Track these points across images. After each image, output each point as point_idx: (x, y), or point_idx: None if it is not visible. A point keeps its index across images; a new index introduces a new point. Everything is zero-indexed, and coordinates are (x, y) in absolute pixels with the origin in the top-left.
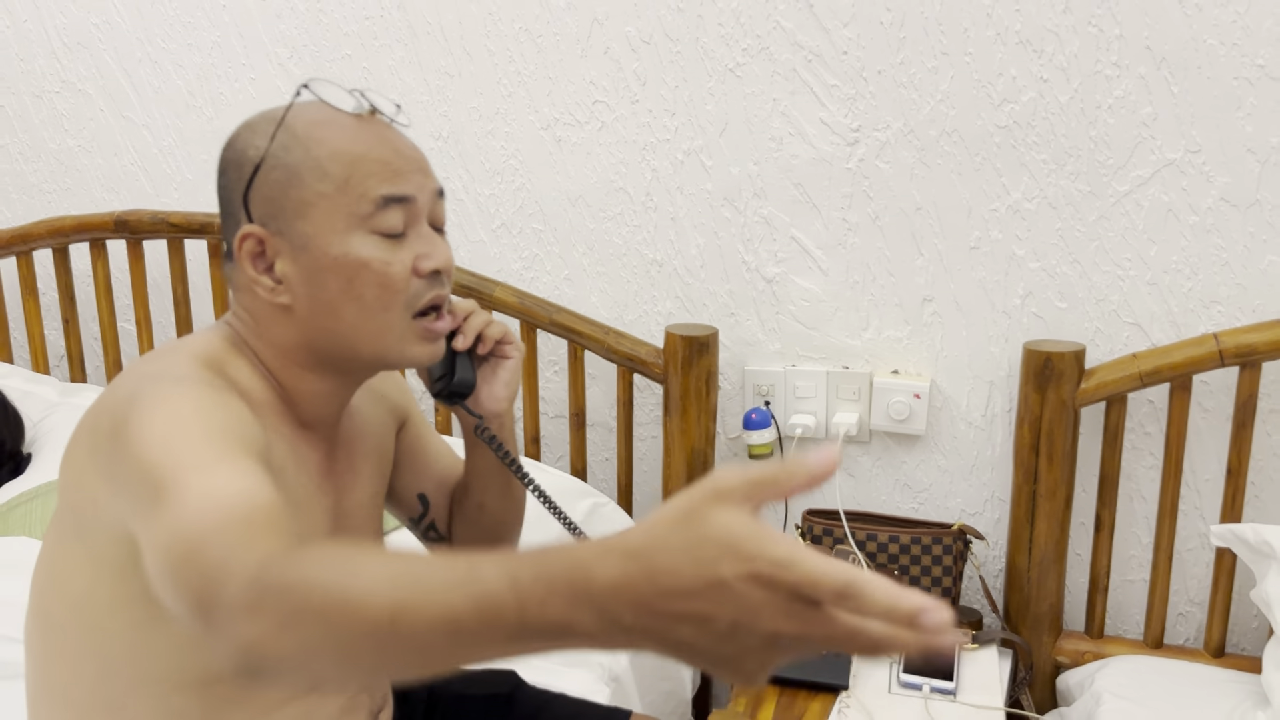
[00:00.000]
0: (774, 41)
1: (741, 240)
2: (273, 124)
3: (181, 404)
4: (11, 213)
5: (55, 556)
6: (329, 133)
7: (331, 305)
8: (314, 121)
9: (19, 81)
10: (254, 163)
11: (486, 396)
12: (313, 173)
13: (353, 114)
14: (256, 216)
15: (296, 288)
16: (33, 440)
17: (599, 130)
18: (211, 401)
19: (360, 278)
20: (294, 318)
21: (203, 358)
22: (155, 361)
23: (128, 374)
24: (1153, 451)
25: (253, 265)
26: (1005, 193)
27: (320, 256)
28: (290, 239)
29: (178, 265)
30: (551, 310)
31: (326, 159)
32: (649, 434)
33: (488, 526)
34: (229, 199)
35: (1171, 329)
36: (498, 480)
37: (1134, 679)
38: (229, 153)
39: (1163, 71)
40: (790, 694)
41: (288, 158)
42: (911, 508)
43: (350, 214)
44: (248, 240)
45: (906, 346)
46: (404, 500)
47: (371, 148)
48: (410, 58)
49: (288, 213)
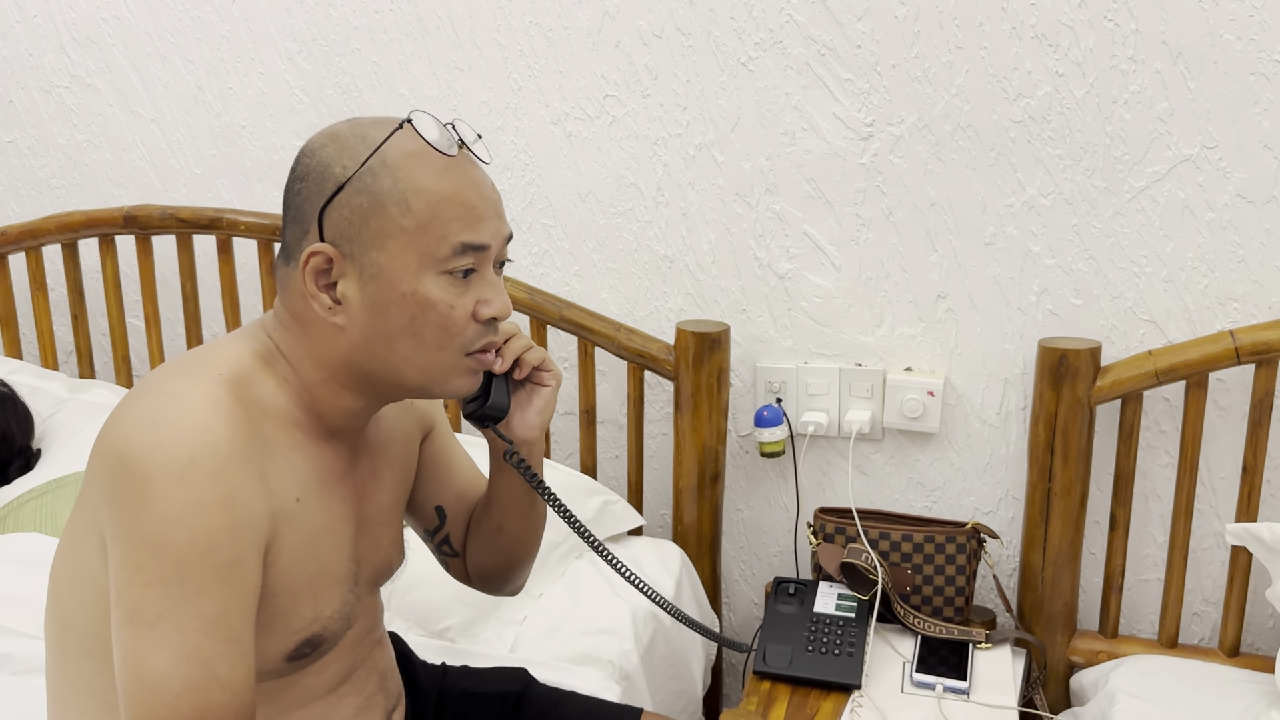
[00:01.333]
0: (787, 35)
1: (753, 236)
2: (365, 147)
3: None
4: (21, 208)
5: (70, 556)
6: (419, 168)
7: (389, 336)
8: (406, 153)
9: (28, 77)
10: (338, 181)
11: (519, 423)
12: (397, 206)
13: (445, 152)
14: (329, 235)
15: (356, 312)
16: (42, 436)
17: (610, 125)
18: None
19: (423, 316)
20: (344, 338)
21: (230, 378)
22: (178, 379)
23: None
24: (1168, 450)
25: (315, 281)
26: (1020, 188)
27: (389, 289)
28: (361, 265)
29: (187, 261)
30: (562, 306)
31: (413, 195)
32: (659, 431)
33: (504, 548)
34: (302, 207)
35: (1187, 326)
36: (521, 505)
37: (1149, 678)
38: (310, 160)
39: (1179, 66)
40: (802, 693)
41: (375, 185)
42: (925, 506)
43: (426, 253)
44: (316, 257)
45: (920, 343)
46: (421, 511)
47: (459, 189)
48: (420, 52)
49: (364, 239)
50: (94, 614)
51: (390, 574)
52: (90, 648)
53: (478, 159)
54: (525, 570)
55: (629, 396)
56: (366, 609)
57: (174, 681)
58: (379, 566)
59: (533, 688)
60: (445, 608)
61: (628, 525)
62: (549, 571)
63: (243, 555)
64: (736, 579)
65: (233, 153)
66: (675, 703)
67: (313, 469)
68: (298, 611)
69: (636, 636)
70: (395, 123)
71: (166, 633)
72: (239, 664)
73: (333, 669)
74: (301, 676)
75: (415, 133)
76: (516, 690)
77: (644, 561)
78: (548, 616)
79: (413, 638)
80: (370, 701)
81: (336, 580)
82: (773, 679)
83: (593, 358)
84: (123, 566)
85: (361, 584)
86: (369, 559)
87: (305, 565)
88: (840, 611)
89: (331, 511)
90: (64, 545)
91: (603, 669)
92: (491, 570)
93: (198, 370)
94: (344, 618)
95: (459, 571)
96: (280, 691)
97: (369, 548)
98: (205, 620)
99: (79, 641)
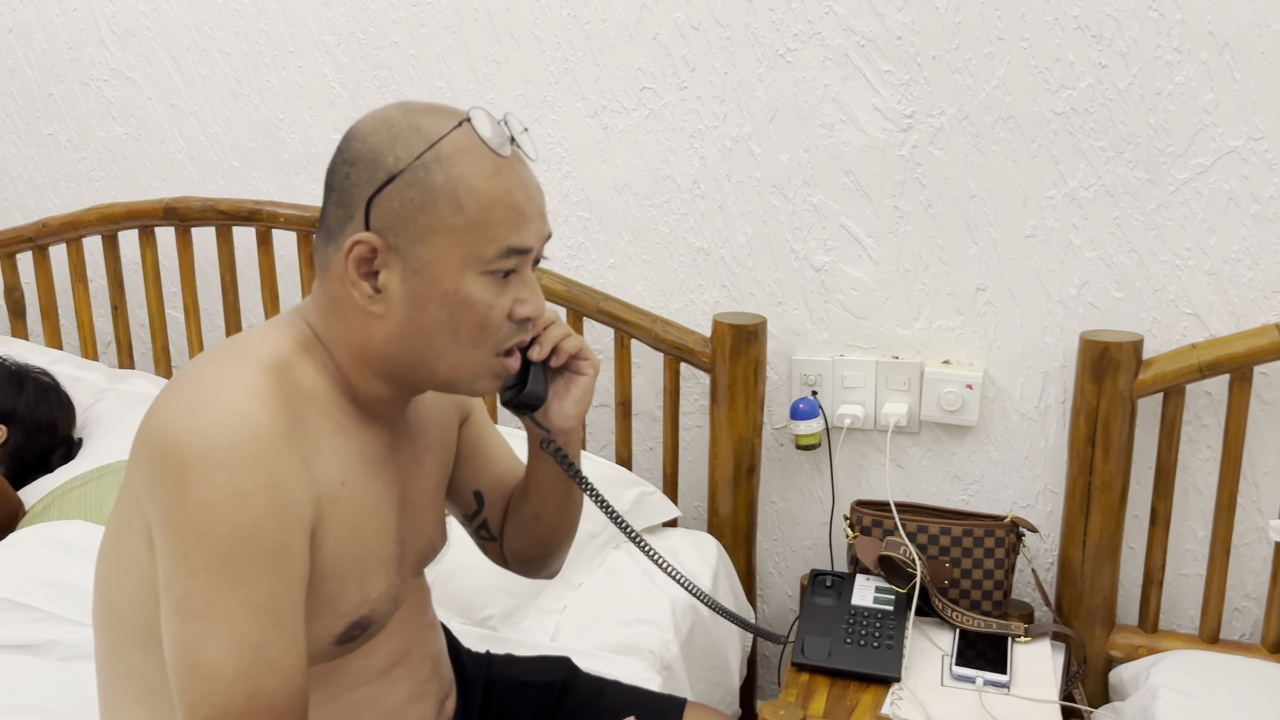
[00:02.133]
0: (826, 26)
1: (790, 228)
2: (420, 139)
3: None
4: (61, 200)
5: (115, 545)
6: (473, 166)
7: (426, 330)
8: (460, 149)
9: (68, 70)
10: (390, 172)
11: (556, 412)
12: (449, 203)
13: (499, 152)
14: (376, 224)
15: (395, 304)
16: (83, 425)
17: (646, 117)
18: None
19: (463, 315)
20: (381, 326)
21: (270, 364)
22: (218, 366)
23: (189, 379)
24: (1209, 444)
25: (356, 268)
26: (1062, 180)
27: (432, 285)
28: (405, 258)
29: (226, 252)
30: (598, 299)
31: (465, 194)
32: (693, 423)
33: (540, 535)
34: (350, 191)
35: (1231, 319)
36: (558, 493)
37: (1190, 673)
38: (361, 145)
39: (1225, 57)
40: (841, 685)
41: (428, 179)
42: (961, 500)
43: (472, 253)
44: (360, 246)
45: (959, 336)
46: (460, 496)
47: (510, 190)
48: (457, 45)
49: (411, 233)
50: (140, 602)
51: (434, 556)
52: (138, 635)
53: (525, 155)
54: (562, 555)
55: (664, 389)
56: (413, 591)
57: (226, 668)
58: (423, 549)
59: (577, 677)
60: (487, 596)
61: (663, 517)
62: (587, 561)
63: (288, 540)
64: (770, 571)
65: (271, 145)
66: (713, 693)
67: (356, 452)
68: (345, 595)
69: (676, 627)
70: (450, 114)
71: (215, 620)
72: (290, 649)
73: (382, 651)
74: (351, 660)
75: (472, 131)
76: (561, 679)
77: (681, 553)
78: (588, 606)
79: (455, 626)
80: (424, 688)
81: (382, 563)
82: (811, 671)
83: (629, 350)
84: (168, 554)
85: (406, 566)
86: (413, 541)
87: (351, 549)
88: (878, 604)
89: (376, 495)
90: (109, 534)
91: (644, 659)
92: (529, 555)
93: (237, 357)
94: (391, 600)
95: (496, 555)
96: (332, 675)
97: (413, 530)
98: (253, 606)
99: (126, 629)
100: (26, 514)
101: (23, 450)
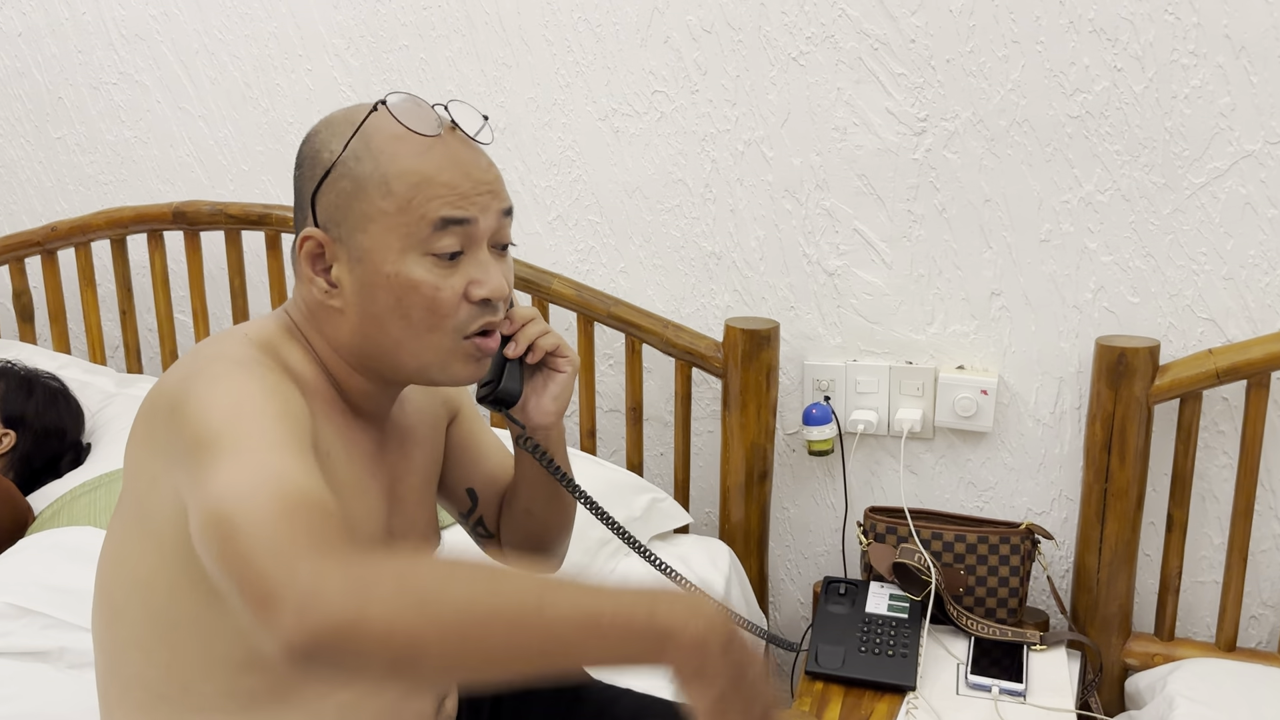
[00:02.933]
0: (839, 29)
1: (802, 233)
2: (350, 128)
3: (243, 382)
4: (69, 204)
5: (119, 542)
6: (401, 149)
7: (379, 319)
8: (390, 135)
9: (77, 73)
10: (325, 166)
11: (534, 409)
12: (378, 188)
13: (422, 133)
14: (321, 219)
15: (349, 296)
16: (91, 430)
17: (658, 121)
18: (271, 383)
19: (409, 298)
20: (344, 320)
21: (259, 341)
22: (212, 345)
23: (186, 357)
24: (1226, 450)
25: (310, 265)
26: (1077, 184)
27: (374, 272)
28: (349, 248)
29: (235, 257)
30: (610, 303)
31: (394, 177)
32: (705, 429)
33: (535, 531)
34: (300, 191)
35: (1248, 325)
36: (544, 489)
37: (1207, 682)
38: (306, 147)
39: (1241, 60)
40: (856, 694)
41: (358, 168)
42: (976, 506)
43: (408, 234)
44: (308, 242)
45: (973, 341)
46: (454, 494)
47: (441, 169)
48: (467, 48)
49: (349, 223)
50: (143, 602)
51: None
52: (138, 636)
53: (474, 140)
54: (561, 549)
55: (676, 394)
56: None
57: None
58: (416, 546)
59: (589, 684)
60: None
61: (675, 523)
62: (599, 568)
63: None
64: (782, 578)
65: (280, 149)
66: None
67: (340, 437)
68: None
69: None
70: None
71: (231, 454)
72: (317, 479)
73: None
74: None
75: (391, 115)
76: (573, 686)
77: (693, 559)
78: None
79: None
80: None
81: (374, 546)
82: (825, 679)
83: (640, 355)
84: (194, 457)
85: None
86: (405, 537)
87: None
88: (892, 612)
89: (361, 482)
90: (111, 534)
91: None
92: (526, 551)
93: (225, 339)
94: None
95: (495, 552)
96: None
97: (404, 527)
98: (270, 440)
99: (127, 631)
100: (35, 520)
101: (31, 455)
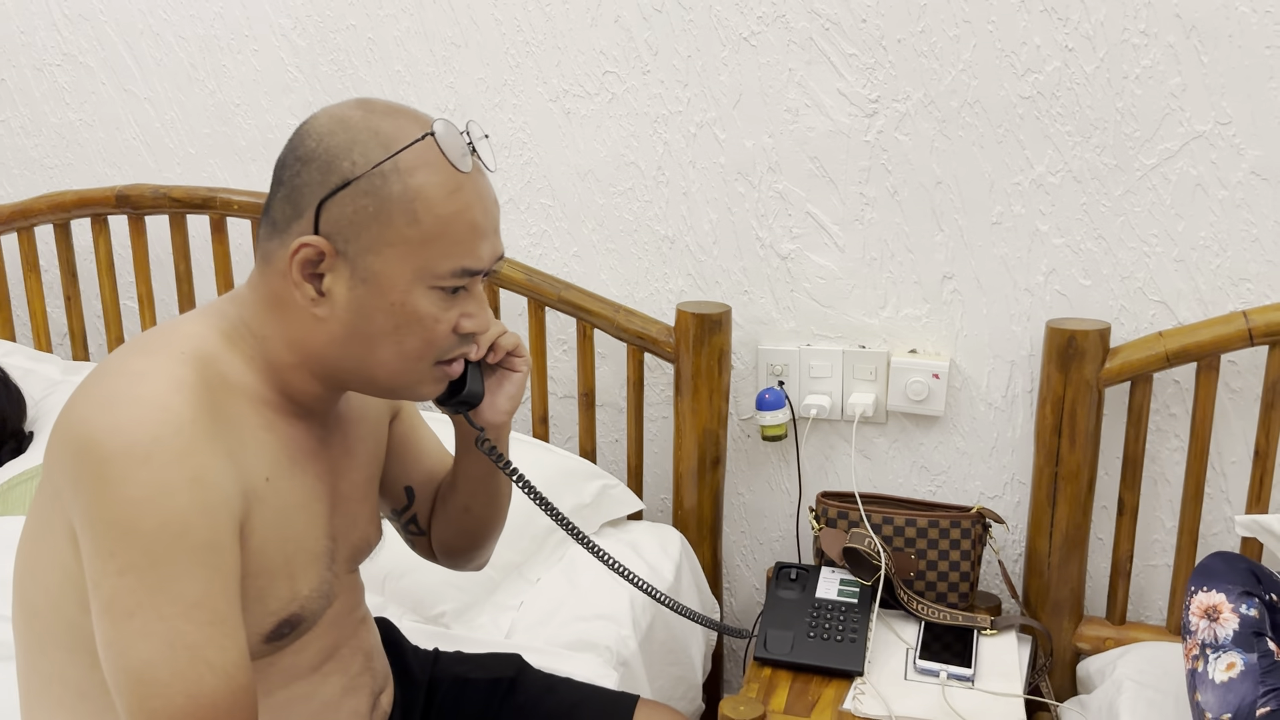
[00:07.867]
0: (790, 9)
1: (755, 216)
2: (379, 145)
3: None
4: (13, 187)
5: (34, 544)
6: (432, 180)
7: (370, 339)
8: (422, 161)
9: (20, 54)
10: (345, 176)
11: (488, 408)
12: (404, 215)
13: (459, 167)
14: (325, 228)
15: (339, 310)
16: (34, 419)
17: (609, 102)
18: (197, 470)
19: (409, 327)
20: (323, 329)
21: (195, 356)
22: (143, 358)
23: (111, 374)
24: (1177, 433)
25: (301, 270)
26: (1029, 166)
27: (380, 295)
28: (354, 265)
29: (180, 241)
30: (560, 287)
31: (422, 208)
32: (659, 414)
33: (470, 528)
34: (299, 190)
35: (1199, 307)
36: (488, 486)
37: (1157, 666)
38: (315, 145)
39: (1192, 40)
40: (804, 680)
41: (385, 189)
42: (929, 490)
43: (424, 268)
44: (307, 248)
45: (925, 325)
46: (391, 491)
47: (468, 207)
48: (416, 27)
49: (363, 241)
50: (63, 602)
51: (369, 551)
52: (60, 636)
53: (485, 167)
54: (491, 546)
55: (629, 379)
56: (346, 587)
57: (162, 670)
58: (357, 544)
59: (526, 674)
60: (439, 593)
61: (627, 510)
62: (546, 556)
63: (218, 535)
64: (738, 564)
65: (227, 132)
66: (674, 689)
67: (283, 447)
68: (274, 592)
69: (635, 622)
70: (411, 118)
71: (147, 620)
72: (229, 646)
73: (314, 648)
74: (282, 657)
75: (434, 142)
76: (509, 676)
77: (643, 546)
78: (545, 602)
79: (406, 624)
80: (356, 681)
81: (313, 559)
82: (774, 665)
83: (592, 340)
84: (94, 555)
85: (339, 562)
86: (346, 536)
87: (280, 545)
88: (842, 597)
89: (305, 489)
90: (27, 533)
91: (599, 655)
92: (458, 548)
93: (159, 348)
94: (323, 596)
95: (424, 549)
96: (261, 672)
97: (345, 525)
98: (185, 604)
99: (49, 631)
100: None
101: None
